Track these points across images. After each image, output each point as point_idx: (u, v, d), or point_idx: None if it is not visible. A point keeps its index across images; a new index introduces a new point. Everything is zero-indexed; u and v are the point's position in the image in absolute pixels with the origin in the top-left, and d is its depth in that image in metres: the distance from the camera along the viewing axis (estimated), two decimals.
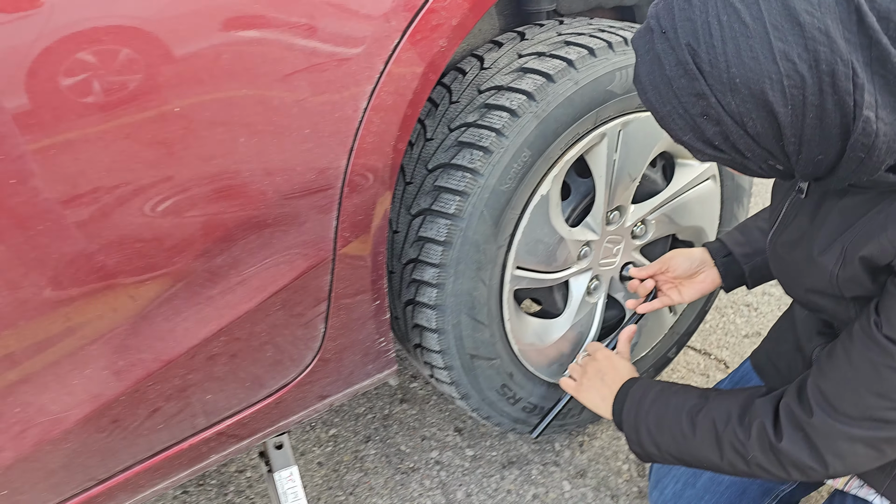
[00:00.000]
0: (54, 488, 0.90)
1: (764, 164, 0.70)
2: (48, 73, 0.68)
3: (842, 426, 0.80)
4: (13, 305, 0.75)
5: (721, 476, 1.19)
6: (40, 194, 0.72)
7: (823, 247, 0.82)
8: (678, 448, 0.96)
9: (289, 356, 1.01)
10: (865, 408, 0.78)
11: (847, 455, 0.81)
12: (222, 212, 0.84)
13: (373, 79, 0.88)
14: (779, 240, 0.93)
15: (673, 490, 1.23)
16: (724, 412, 0.91)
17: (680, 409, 0.96)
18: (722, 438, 0.90)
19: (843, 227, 0.79)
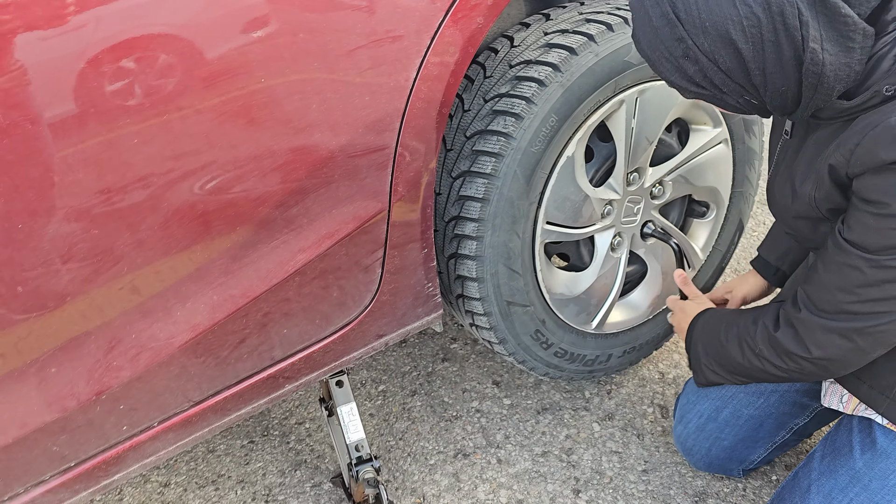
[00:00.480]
0: (159, 407, 1.06)
1: (741, 98, 0.86)
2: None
3: (820, 320, 0.94)
4: (138, 248, 0.91)
5: (740, 410, 1.32)
6: (160, 159, 0.89)
7: (803, 176, 0.96)
8: (717, 355, 1.11)
9: (351, 297, 1.16)
10: (836, 303, 0.92)
11: (825, 344, 0.94)
12: (297, 168, 1.00)
13: (421, 52, 1.04)
14: (773, 181, 1.07)
15: (696, 424, 1.36)
16: (746, 321, 1.07)
17: (719, 324, 1.12)
18: (742, 340, 1.05)
19: (817, 155, 0.93)
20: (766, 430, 1.32)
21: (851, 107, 0.86)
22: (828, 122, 0.92)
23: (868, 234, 0.87)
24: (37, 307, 0.89)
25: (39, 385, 0.94)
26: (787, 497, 1.15)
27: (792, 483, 1.16)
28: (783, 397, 1.29)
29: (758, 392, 1.30)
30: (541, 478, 1.48)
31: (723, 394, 1.33)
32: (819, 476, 1.12)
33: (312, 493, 1.52)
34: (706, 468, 1.39)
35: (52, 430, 0.97)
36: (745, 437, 1.32)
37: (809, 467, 1.15)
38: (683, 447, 1.39)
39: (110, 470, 1.07)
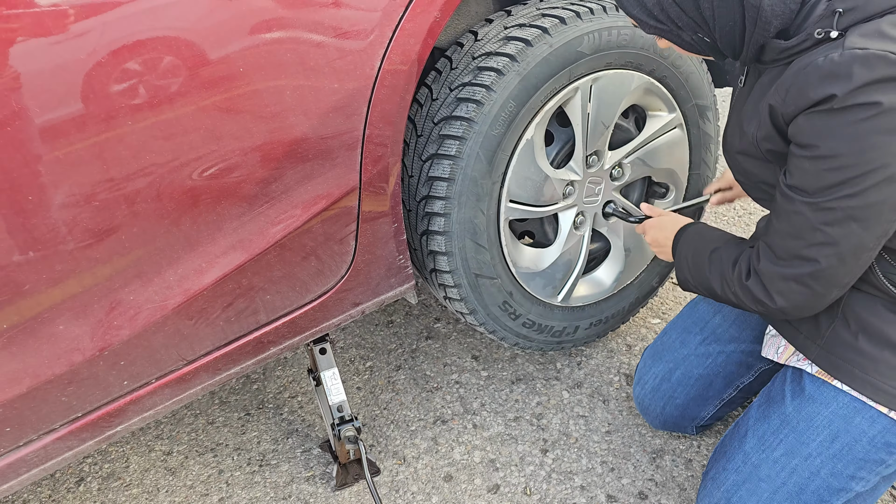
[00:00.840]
0: (156, 364, 1.19)
1: (695, 35, 0.99)
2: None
3: (777, 268, 1.03)
4: (135, 219, 1.04)
5: (691, 371, 1.43)
6: (155, 140, 1.02)
7: (749, 117, 1.06)
8: (700, 278, 1.21)
9: (328, 267, 1.29)
10: (788, 249, 1.01)
11: (786, 292, 1.04)
12: (276, 148, 1.13)
13: (384, 44, 1.16)
14: (727, 126, 1.17)
15: (652, 385, 1.48)
16: (727, 256, 1.16)
17: (706, 249, 1.21)
18: (723, 276, 1.15)
19: (761, 97, 1.03)
20: (715, 388, 1.43)
21: (789, 47, 0.96)
22: (771, 66, 1.02)
23: (805, 178, 0.95)
24: (47, 269, 1.02)
25: (49, 340, 1.07)
26: (728, 443, 1.26)
27: (733, 431, 1.27)
28: (729, 358, 1.40)
29: (706, 354, 1.42)
30: (512, 440, 1.59)
31: (675, 356, 1.45)
32: (755, 422, 1.23)
33: (303, 458, 1.64)
34: (662, 426, 1.50)
35: (60, 382, 1.10)
36: (696, 395, 1.43)
37: (747, 415, 1.26)
38: (641, 406, 1.50)
39: (113, 421, 1.20)
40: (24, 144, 0.94)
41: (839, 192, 0.93)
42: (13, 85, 0.90)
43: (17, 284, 1.00)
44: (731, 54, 1.04)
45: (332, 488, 1.55)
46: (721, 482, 1.21)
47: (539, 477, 1.49)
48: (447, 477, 1.53)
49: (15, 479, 1.15)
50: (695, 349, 1.43)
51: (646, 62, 1.49)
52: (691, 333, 1.45)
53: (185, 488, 1.61)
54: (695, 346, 1.43)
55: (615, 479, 1.47)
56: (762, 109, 1.01)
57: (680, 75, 1.56)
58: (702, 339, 1.43)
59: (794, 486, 1.14)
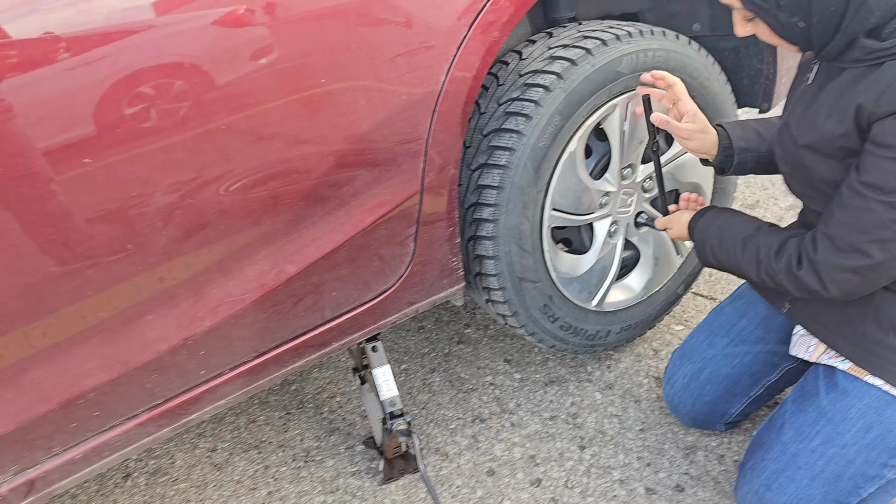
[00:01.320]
0: (231, 355, 1.27)
1: (792, 17, 1.04)
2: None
3: (836, 259, 1.11)
4: (222, 216, 1.13)
5: (719, 370, 1.52)
6: (242, 143, 1.10)
7: (827, 115, 1.11)
8: (730, 262, 1.30)
9: (389, 267, 1.37)
10: (852, 242, 1.09)
11: (840, 282, 1.12)
12: (349, 153, 1.22)
13: (449, 59, 1.26)
14: (790, 121, 1.22)
15: (681, 383, 1.56)
16: (767, 244, 1.22)
17: (737, 234, 1.29)
18: (761, 262, 1.23)
19: (840, 97, 1.09)
20: (742, 386, 1.52)
21: (881, 49, 1.02)
22: (852, 67, 1.08)
23: (883, 177, 1.03)
24: (143, 262, 1.10)
25: (140, 329, 1.15)
26: (765, 435, 1.34)
27: (768, 424, 1.36)
28: (756, 358, 1.49)
29: (733, 354, 1.51)
30: (550, 437, 1.67)
31: (703, 356, 1.53)
32: (791, 415, 1.31)
33: (347, 454, 1.71)
34: (692, 423, 1.59)
35: (147, 369, 1.17)
36: (724, 392, 1.51)
37: (783, 409, 1.34)
38: (671, 404, 1.59)
39: (189, 409, 1.27)
40: (129, 144, 1.02)
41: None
42: (127, 89, 0.99)
43: (115, 276, 1.08)
44: (818, 44, 1.07)
45: (378, 482, 1.61)
46: (760, 471, 1.30)
47: (579, 471, 1.57)
48: (490, 472, 1.60)
49: (97, 462, 1.22)
50: (722, 350, 1.52)
51: None
52: (718, 336, 1.54)
53: (232, 483, 1.68)
54: (722, 347, 1.52)
55: (652, 473, 1.55)
56: (847, 107, 1.06)
57: (707, 94, 1.67)
58: (728, 341, 1.52)
59: (831, 473, 1.23)
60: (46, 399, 1.10)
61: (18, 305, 1.02)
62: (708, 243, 1.36)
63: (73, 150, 0.97)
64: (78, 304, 1.07)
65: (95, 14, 0.96)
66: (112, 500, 1.68)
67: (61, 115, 0.96)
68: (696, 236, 1.39)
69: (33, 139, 0.94)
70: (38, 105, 0.94)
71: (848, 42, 1.06)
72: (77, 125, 0.97)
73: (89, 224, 1.03)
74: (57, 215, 1.00)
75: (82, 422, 1.16)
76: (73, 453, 1.18)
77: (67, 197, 1.00)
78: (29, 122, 0.94)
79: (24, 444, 1.12)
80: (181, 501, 1.65)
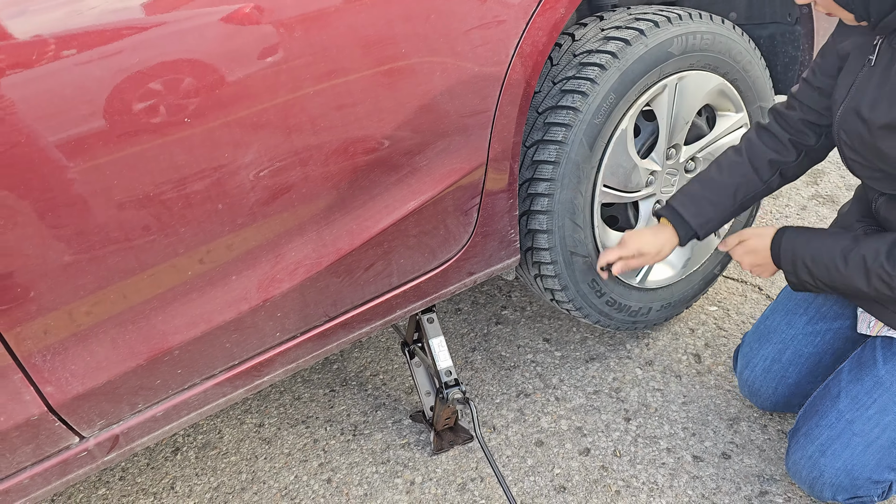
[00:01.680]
0: (304, 318, 1.30)
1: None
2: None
3: None
4: (305, 181, 1.16)
5: (801, 349, 1.51)
6: (329, 109, 1.14)
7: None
8: (831, 278, 1.27)
9: (453, 236, 1.41)
10: None
11: None
12: (424, 123, 1.26)
13: (518, 34, 1.31)
14: (860, 106, 1.19)
15: (763, 366, 1.55)
16: (873, 250, 1.20)
17: (834, 247, 1.27)
18: (871, 270, 1.20)
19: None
20: (825, 364, 1.51)
21: None
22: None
23: None
24: (230, 222, 1.13)
25: (224, 289, 1.18)
26: (819, 403, 1.38)
27: (823, 392, 1.40)
28: (837, 334, 1.50)
29: (814, 332, 1.51)
30: (595, 410, 1.71)
31: (782, 337, 1.53)
32: (847, 384, 1.35)
33: (395, 428, 1.74)
34: (772, 406, 1.59)
35: (227, 329, 1.21)
36: (807, 372, 1.52)
37: (839, 378, 1.38)
38: (750, 390, 1.58)
39: (262, 371, 1.30)
40: (226, 108, 1.05)
41: None
42: (232, 59, 1.03)
43: (205, 234, 1.11)
44: (877, 12, 1.08)
45: (428, 453, 1.65)
46: (815, 437, 1.34)
47: (626, 441, 1.61)
48: (538, 442, 1.64)
49: (176, 420, 1.25)
50: (802, 328, 1.52)
51: (721, 65, 1.65)
52: (796, 314, 1.54)
53: (283, 455, 1.70)
54: (802, 326, 1.52)
55: (698, 443, 1.59)
56: None
57: (748, 78, 1.72)
58: (808, 319, 1.52)
59: (886, 440, 1.27)
60: (136, 354, 1.13)
61: (116, 261, 1.05)
62: (801, 264, 1.33)
63: (176, 111, 1.01)
64: (171, 261, 1.10)
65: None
66: (163, 472, 1.71)
67: (162, 82, 0.99)
68: (784, 258, 1.37)
69: (132, 102, 0.98)
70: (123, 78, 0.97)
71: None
72: (175, 92, 1.01)
73: (184, 184, 1.06)
74: (155, 173, 1.03)
75: (165, 379, 1.19)
76: (155, 410, 1.21)
77: (166, 157, 1.03)
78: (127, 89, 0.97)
79: (113, 399, 1.14)
80: (233, 473, 1.67)
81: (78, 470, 1.17)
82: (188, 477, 1.68)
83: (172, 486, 1.65)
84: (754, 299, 2.05)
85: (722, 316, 2.00)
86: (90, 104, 0.95)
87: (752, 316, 1.99)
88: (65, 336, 1.05)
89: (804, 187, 2.64)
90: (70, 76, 0.92)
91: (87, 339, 1.07)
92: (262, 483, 1.63)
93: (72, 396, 1.09)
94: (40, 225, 0.96)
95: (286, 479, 1.63)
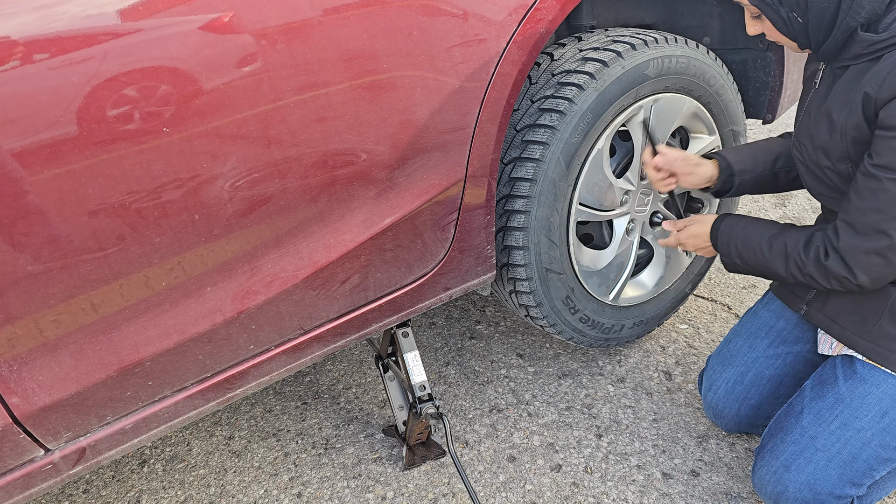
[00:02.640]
0: (279, 331, 1.29)
1: (791, 13, 1.15)
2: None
3: (858, 242, 1.18)
4: (283, 193, 1.16)
5: (762, 372, 1.55)
6: (307, 122, 1.14)
7: (839, 109, 1.20)
8: (756, 261, 1.36)
9: (430, 251, 1.42)
10: (871, 223, 1.15)
11: (865, 265, 1.18)
12: (404, 138, 1.26)
13: (499, 52, 1.32)
14: (804, 125, 1.31)
15: (725, 389, 1.59)
16: (794, 239, 1.29)
17: (762, 234, 1.36)
18: (789, 257, 1.29)
19: (847, 92, 1.18)
20: (786, 386, 1.56)
21: (879, 41, 1.11)
22: (854, 64, 1.18)
23: (894, 157, 1.10)
24: (206, 233, 1.12)
25: (199, 300, 1.17)
26: (784, 420, 1.41)
27: (787, 410, 1.43)
28: (797, 357, 1.54)
29: (775, 355, 1.55)
30: (567, 426, 1.72)
31: (744, 360, 1.57)
32: (810, 401, 1.38)
33: (367, 442, 1.73)
34: (736, 428, 1.62)
35: (200, 340, 1.19)
36: (769, 394, 1.55)
37: (802, 396, 1.41)
38: (714, 411, 1.62)
39: (235, 384, 1.29)
40: (202, 118, 1.05)
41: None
42: (193, 78, 1.02)
43: (180, 244, 1.10)
44: (816, 41, 1.18)
45: (400, 468, 1.64)
46: (780, 453, 1.37)
47: (597, 458, 1.62)
48: (510, 458, 1.64)
49: (145, 433, 1.23)
50: (764, 351, 1.56)
51: (696, 88, 1.69)
52: (758, 338, 1.58)
53: (252, 469, 1.68)
54: (764, 349, 1.56)
55: (668, 460, 1.61)
56: (855, 98, 1.15)
57: (721, 102, 1.76)
58: (769, 342, 1.56)
59: (847, 455, 1.30)
60: (106, 365, 1.11)
61: (88, 270, 1.03)
62: (733, 246, 1.42)
63: (152, 118, 1.00)
64: (145, 271, 1.08)
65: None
66: (129, 485, 1.68)
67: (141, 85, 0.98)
68: (721, 240, 1.45)
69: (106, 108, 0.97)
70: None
71: (845, 38, 1.16)
72: (152, 100, 1.00)
73: (160, 193, 1.05)
74: (130, 181, 1.02)
75: (136, 391, 1.17)
76: (125, 422, 1.18)
77: (141, 166, 1.02)
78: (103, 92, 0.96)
79: (81, 411, 1.12)
80: (201, 487, 1.65)
81: (42, 483, 1.15)
82: (155, 490, 1.65)
83: (139, 500, 1.62)
84: (723, 318, 2.08)
85: (692, 334, 2.03)
86: (64, 110, 0.93)
87: (720, 334, 2.02)
88: (32, 346, 1.03)
89: (773, 209, 2.70)
90: (43, 81, 0.91)
91: (55, 350, 1.05)
92: (230, 497, 1.61)
93: (38, 408, 1.07)
94: (9, 232, 0.95)
95: (256, 493, 1.61)
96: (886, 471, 1.33)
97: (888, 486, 1.40)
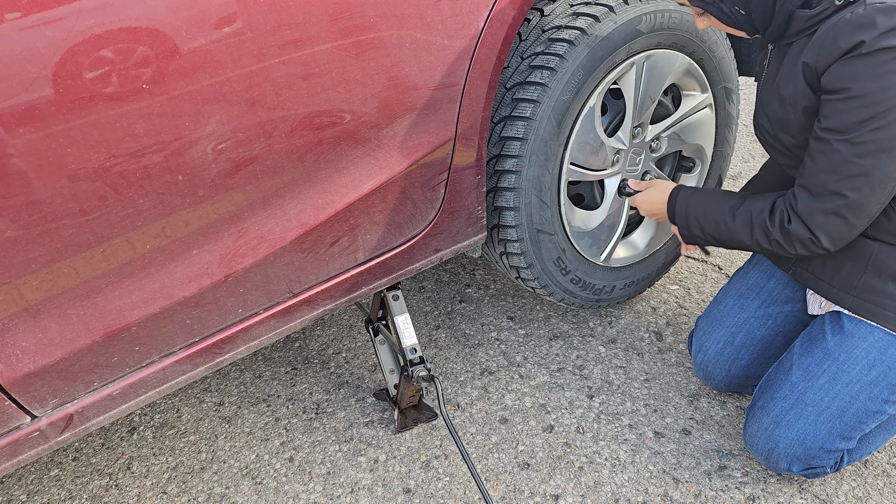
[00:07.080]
0: (268, 294, 1.27)
1: (733, 7, 1.18)
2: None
3: (815, 204, 1.20)
4: (269, 151, 1.13)
5: (753, 332, 1.55)
6: (293, 78, 1.10)
7: (786, 82, 1.23)
8: (719, 231, 1.38)
9: (420, 212, 1.39)
10: (825, 184, 1.18)
11: (825, 226, 1.20)
12: (392, 95, 1.23)
13: (489, 7, 1.28)
14: (760, 105, 1.34)
15: (715, 350, 1.58)
16: (758, 208, 1.31)
17: (723, 204, 1.38)
18: (754, 224, 1.31)
19: (793, 66, 1.21)
20: (777, 347, 1.56)
21: (814, 14, 1.15)
22: (796, 39, 1.21)
23: (839, 118, 1.13)
24: (191, 194, 1.09)
25: (185, 263, 1.14)
26: (774, 377, 1.42)
27: (777, 367, 1.43)
28: (788, 317, 1.54)
29: (766, 315, 1.55)
30: (558, 387, 1.72)
31: (735, 321, 1.57)
32: (799, 357, 1.39)
33: (358, 406, 1.72)
34: (726, 388, 1.63)
35: (188, 304, 1.17)
36: (759, 354, 1.56)
37: (791, 353, 1.42)
38: (704, 372, 1.62)
39: (224, 348, 1.27)
40: (186, 78, 1.01)
41: (868, 126, 1.11)
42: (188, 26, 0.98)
43: (164, 206, 1.07)
44: (762, 27, 1.22)
45: (392, 431, 1.64)
46: (770, 409, 1.37)
47: (589, 418, 1.63)
48: (502, 419, 1.64)
49: (133, 399, 1.21)
50: (755, 312, 1.56)
51: (688, 44, 1.66)
52: (748, 298, 1.58)
53: (243, 434, 1.68)
54: (754, 310, 1.56)
55: (659, 419, 1.61)
56: (797, 70, 1.19)
57: (714, 58, 1.73)
58: (760, 303, 1.56)
59: (836, 408, 1.31)
60: (91, 330, 1.09)
61: (70, 233, 1.00)
62: (693, 218, 1.43)
63: (133, 78, 0.96)
64: (128, 234, 1.05)
65: None
66: (119, 452, 1.66)
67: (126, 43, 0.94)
68: (678, 213, 1.46)
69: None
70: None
71: (786, 18, 1.20)
72: (132, 59, 0.96)
73: (142, 154, 1.02)
74: (111, 143, 0.98)
75: (123, 356, 1.15)
76: (112, 388, 1.17)
77: (122, 126, 0.98)
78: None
79: (67, 377, 1.10)
80: (192, 453, 1.64)
81: (29, 451, 1.13)
82: (145, 457, 1.64)
83: (129, 467, 1.61)
84: (714, 278, 2.08)
85: (683, 295, 2.03)
86: (41, 69, 0.89)
87: (711, 295, 2.02)
88: (15, 311, 1.00)
89: None
90: (18, 40, 0.87)
91: (39, 315, 1.03)
92: (222, 462, 1.60)
93: (23, 374, 1.04)
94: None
95: (247, 458, 1.60)
96: (876, 424, 1.34)
97: (878, 440, 1.41)
